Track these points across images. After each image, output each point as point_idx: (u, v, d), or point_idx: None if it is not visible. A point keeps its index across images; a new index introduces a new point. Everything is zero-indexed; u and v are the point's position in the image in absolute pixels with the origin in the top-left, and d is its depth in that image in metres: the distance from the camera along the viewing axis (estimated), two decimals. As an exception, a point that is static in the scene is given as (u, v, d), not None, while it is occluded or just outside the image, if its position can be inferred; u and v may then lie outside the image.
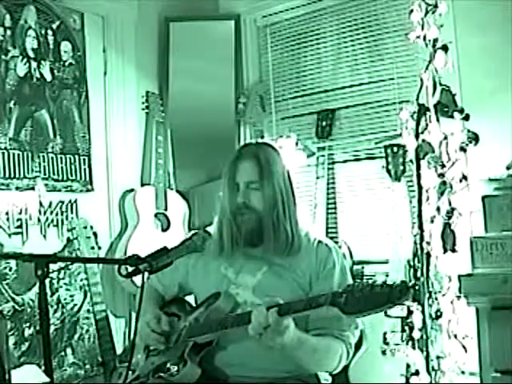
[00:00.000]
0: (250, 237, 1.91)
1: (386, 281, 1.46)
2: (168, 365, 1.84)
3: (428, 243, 2.71)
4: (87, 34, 3.49)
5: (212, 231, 1.92)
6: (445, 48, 2.75)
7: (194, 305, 2.04)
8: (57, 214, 3.25)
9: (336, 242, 3.54)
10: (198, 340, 1.82)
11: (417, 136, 2.74)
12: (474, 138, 2.73)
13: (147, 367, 1.88)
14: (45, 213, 3.20)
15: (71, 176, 3.33)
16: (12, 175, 3.08)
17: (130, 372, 1.90)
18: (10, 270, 3.02)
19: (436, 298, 2.68)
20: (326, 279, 1.89)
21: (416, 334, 2.68)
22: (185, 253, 1.72)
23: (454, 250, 2.69)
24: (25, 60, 3.20)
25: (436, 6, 2.74)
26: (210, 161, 3.66)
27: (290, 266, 1.90)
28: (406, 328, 2.72)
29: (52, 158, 3.27)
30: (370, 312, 1.45)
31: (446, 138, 2.73)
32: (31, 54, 3.23)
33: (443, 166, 2.73)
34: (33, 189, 3.15)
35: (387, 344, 2.79)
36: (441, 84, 2.76)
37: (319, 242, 1.98)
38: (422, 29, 2.76)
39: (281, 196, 1.94)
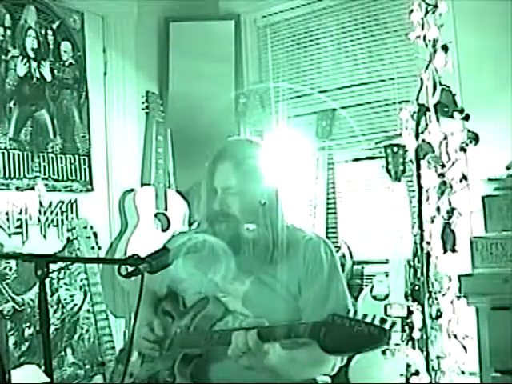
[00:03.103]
0: (231, 245, 1.79)
1: (366, 317, 1.42)
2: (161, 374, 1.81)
3: (428, 243, 2.70)
4: (87, 34, 3.49)
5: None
6: (445, 48, 2.74)
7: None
8: (57, 214, 3.25)
9: (336, 242, 3.55)
10: (188, 351, 1.78)
11: (417, 136, 2.74)
12: (474, 138, 2.73)
13: (142, 374, 1.87)
14: (45, 213, 3.20)
15: (71, 176, 3.33)
16: (12, 175, 3.08)
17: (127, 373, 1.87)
18: (10, 270, 3.02)
19: (436, 298, 2.68)
20: (313, 282, 1.80)
21: (416, 334, 2.67)
22: (184, 253, 1.71)
23: (453, 250, 2.69)
24: (25, 60, 3.20)
25: (436, 6, 2.73)
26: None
27: (278, 272, 1.80)
28: (406, 328, 2.72)
29: (52, 158, 3.27)
30: (346, 353, 1.45)
31: (445, 137, 2.73)
32: (31, 54, 3.23)
33: (443, 165, 2.72)
34: (33, 189, 3.15)
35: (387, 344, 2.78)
36: (441, 84, 2.76)
37: (306, 240, 1.85)
38: (422, 29, 2.76)
39: (262, 199, 1.79)
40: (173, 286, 1.97)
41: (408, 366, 2.70)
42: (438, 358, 2.65)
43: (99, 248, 3.05)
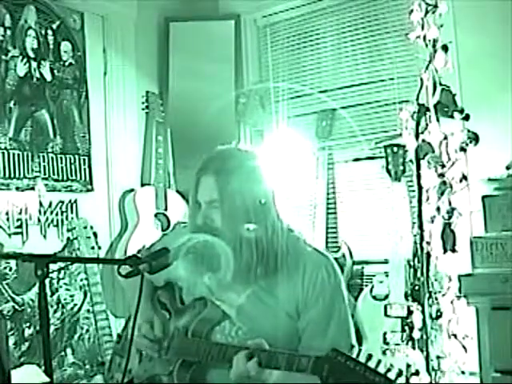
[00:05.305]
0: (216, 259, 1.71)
1: (371, 357, 1.39)
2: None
3: (428, 243, 2.71)
4: (87, 34, 3.49)
5: None
6: (445, 48, 2.74)
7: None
8: (57, 214, 3.25)
9: (336, 242, 3.55)
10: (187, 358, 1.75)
11: (417, 136, 2.74)
12: (474, 138, 2.73)
13: (141, 373, 1.86)
14: (45, 213, 3.20)
15: (71, 176, 3.34)
16: (12, 175, 3.08)
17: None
18: (10, 270, 3.02)
19: (436, 298, 2.68)
20: (314, 306, 1.70)
21: (416, 334, 2.68)
22: (184, 254, 1.71)
23: (453, 250, 2.69)
24: (25, 60, 3.20)
25: (436, 6, 2.74)
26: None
27: (276, 289, 1.71)
28: (406, 328, 2.72)
29: (52, 157, 3.27)
30: None
31: (445, 138, 2.73)
32: (31, 54, 3.23)
33: (443, 166, 2.72)
34: (33, 189, 3.15)
35: (387, 344, 2.79)
36: (441, 84, 2.76)
37: (308, 257, 1.74)
38: (422, 29, 2.76)
39: (249, 211, 1.69)
40: (170, 279, 1.93)
41: (408, 365, 2.70)
42: (438, 357, 2.65)
43: (99, 248, 3.05)
